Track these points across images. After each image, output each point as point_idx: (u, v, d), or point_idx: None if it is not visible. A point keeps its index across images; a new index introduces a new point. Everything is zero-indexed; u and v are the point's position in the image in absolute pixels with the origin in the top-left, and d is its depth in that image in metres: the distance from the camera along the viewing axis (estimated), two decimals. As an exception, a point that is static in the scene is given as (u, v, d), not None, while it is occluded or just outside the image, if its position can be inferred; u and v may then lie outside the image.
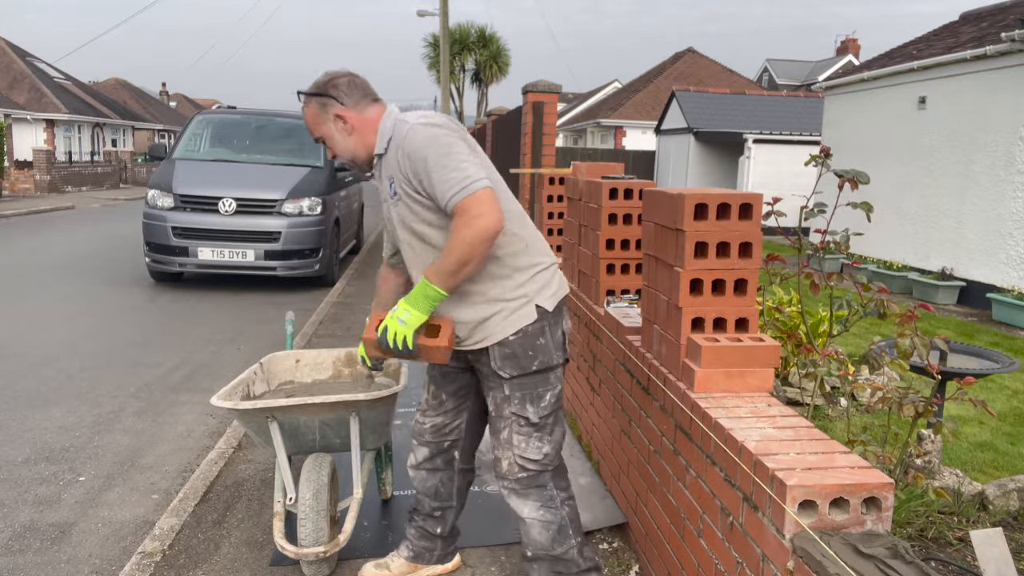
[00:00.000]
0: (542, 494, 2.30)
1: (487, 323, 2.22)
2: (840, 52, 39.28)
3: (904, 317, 2.66)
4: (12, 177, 22.70)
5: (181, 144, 9.10)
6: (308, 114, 2.27)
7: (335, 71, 2.31)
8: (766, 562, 1.78)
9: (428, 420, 2.50)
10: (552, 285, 2.29)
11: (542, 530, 2.30)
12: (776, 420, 2.08)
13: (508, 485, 2.30)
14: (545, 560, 2.35)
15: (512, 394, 2.24)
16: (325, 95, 2.24)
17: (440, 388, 2.48)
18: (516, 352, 2.22)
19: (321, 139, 2.30)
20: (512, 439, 2.26)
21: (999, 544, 1.29)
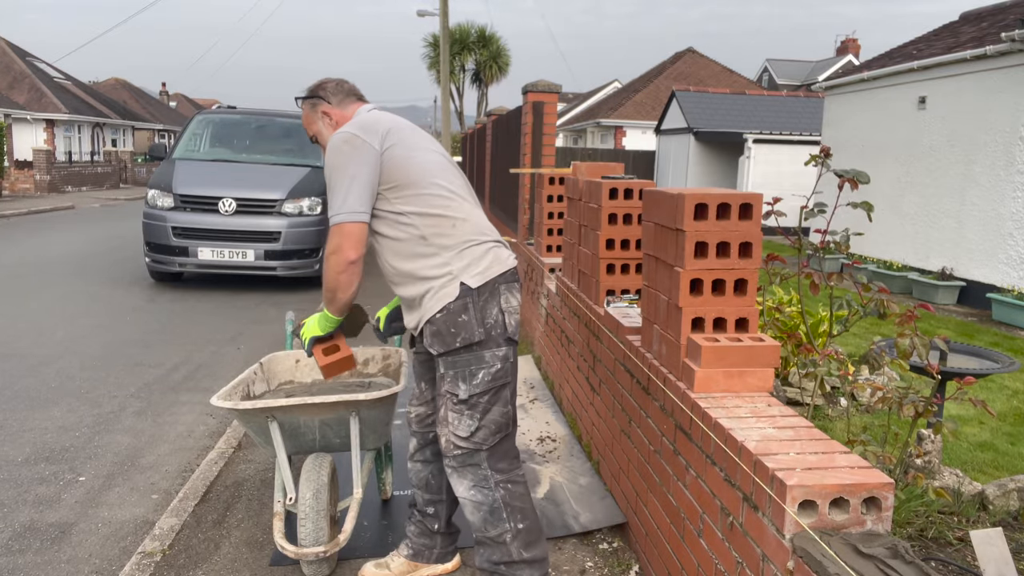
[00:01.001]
0: (476, 473, 2.32)
1: (421, 302, 2.33)
2: (840, 52, 39.28)
3: (904, 317, 2.65)
4: (12, 177, 22.71)
5: (181, 144, 9.10)
6: (304, 116, 2.50)
7: (321, 79, 2.55)
8: (766, 562, 1.78)
9: (414, 410, 2.62)
10: (482, 262, 2.32)
11: (474, 510, 2.34)
12: (776, 420, 2.08)
13: (448, 463, 2.36)
14: (484, 543, 2.36)
15: (446, 372, 2.30)
16: (315, 96, 2.48)
17: (420, 377, 2.59)
18: (440, 329, 2.28)
19: (314, 137, 2.49)
20: (448, 416, 2.31)
21: (999, 544, 1.29)
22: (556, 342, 4.61)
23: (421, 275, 2.32)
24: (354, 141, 2.26)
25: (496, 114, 10.16)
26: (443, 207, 2.33)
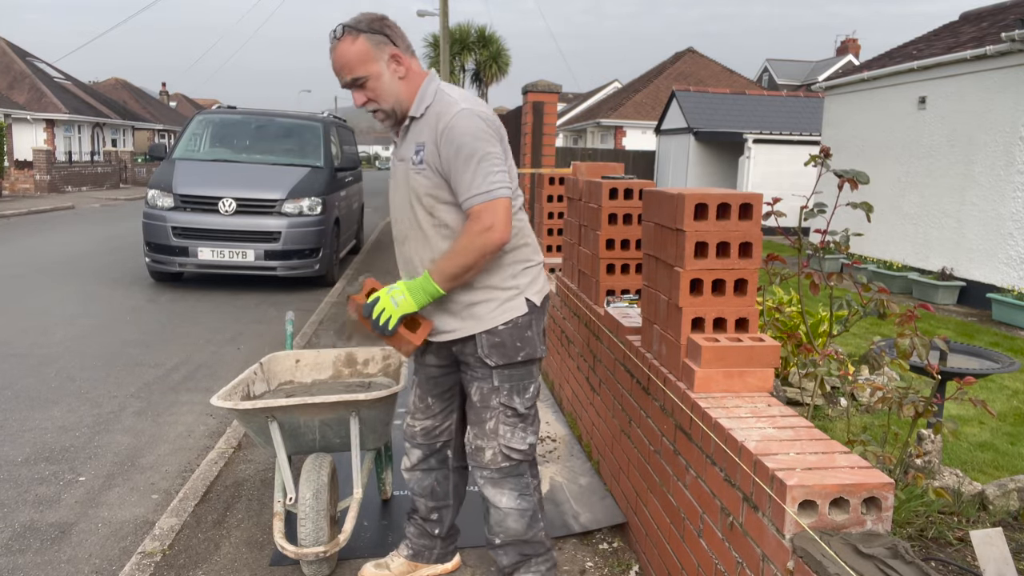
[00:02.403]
0: (519, 483, 2.34)
1: (476, 308, 2.23)
2: (840, 52, 39.28)
3: (904, 317, 2.65)
4: (12, 177, 22.71)
5: (181, 144, 9.10)
6: (354, 50, 2.10)
7: (375, 12, 2.19)
8: (766, 562, 1.78)
9: (418, 423, 2.50)
10: (539, 282, 2.35)
11: (518, 518, 2.35)
12: (776, 420, 2.08)
13: (488, 475, 2.32)
14: (518, 544, 2.39)
15: (501, 385, 2.27)
16: (381, 33, 2.15)
17: (427, 392, 2.47)
18: (505, 341, 2.24)
19: (360, 80, 2.13)
20: (498, 429, 2.28)
21: (999, 544, 1.29)
22: (556, 342, 4.61)
23: (487, 283, 2.22)
24: (493, 123, 2.17)
25: (496, 114, 10.14)
26: (521, 220, 2.31)
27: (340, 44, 2.11)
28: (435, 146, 2.13)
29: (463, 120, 2.11)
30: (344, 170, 9.95)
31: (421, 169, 2.17)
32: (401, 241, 2.32)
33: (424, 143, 2.16)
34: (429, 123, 2.16)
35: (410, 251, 2.28)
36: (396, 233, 2.35)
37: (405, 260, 2.32)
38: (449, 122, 2.11)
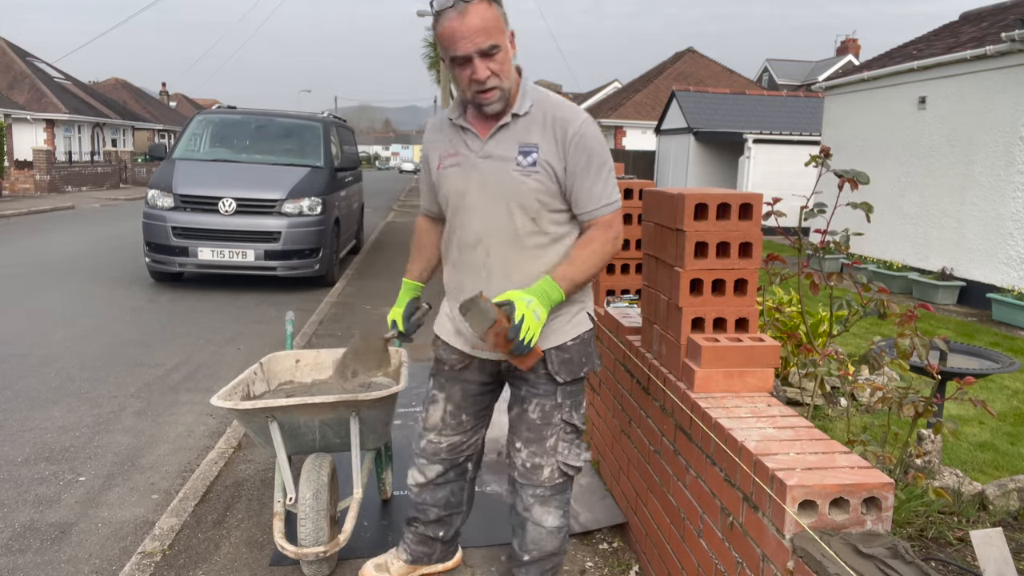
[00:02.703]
0: (562, 499, 2.29)
1: (551, 323, 2.12)
2: (840, 52, 39.28)
3: (904, 317, 2.66)
4: (12, 177, 22.70)
5: (181, 144, 9.10)
6: (491, 14, 1.90)
7: None
8: (766, 562, 1.78)
9: (445, 440, 2.35)
10: (591, 294, 2.31)
11: (556, 535, 2.30)
12: (776, 420, 2.08)
13: (540, 493, 2.23)
14: (544, 560, 2.35)
15: (564, 401, 2.20)
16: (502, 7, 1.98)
17: (461, 409, 2.32)
18: (573, 357, 2.17)
19: (495, 48, 1.92)
20: (557, 446, 2.20)
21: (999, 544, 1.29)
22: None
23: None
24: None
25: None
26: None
27: (476, 5, 1.89)
28: (558, 151, 2.01)
29: (592, 128, 2.05)
30: (344, 170, 9.95)
31: (532, 172, 2.01)
32: (472, 245, 2.11)
33: (537, 145, 2.02)
34: (541, 124, 2.03)
35: (487, 257, 2.09)
36: (464, 236, 2.12)
37: (475, 266, 2.12)
38: (579, 129, 2.02)
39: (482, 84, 1.93)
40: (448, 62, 1.97)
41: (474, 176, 2.07)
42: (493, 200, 2.05)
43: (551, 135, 2.02)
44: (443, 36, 1.92)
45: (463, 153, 2.09)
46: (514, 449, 2.25)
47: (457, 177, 2.10)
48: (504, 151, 2.04)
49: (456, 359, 2.26)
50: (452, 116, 2.13)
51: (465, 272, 2.15)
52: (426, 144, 2.24)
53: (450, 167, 2.11)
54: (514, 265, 2.08)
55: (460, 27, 1.88)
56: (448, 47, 1.92)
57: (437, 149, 2.17)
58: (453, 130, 2.13)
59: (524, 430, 2.22)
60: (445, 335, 2.28)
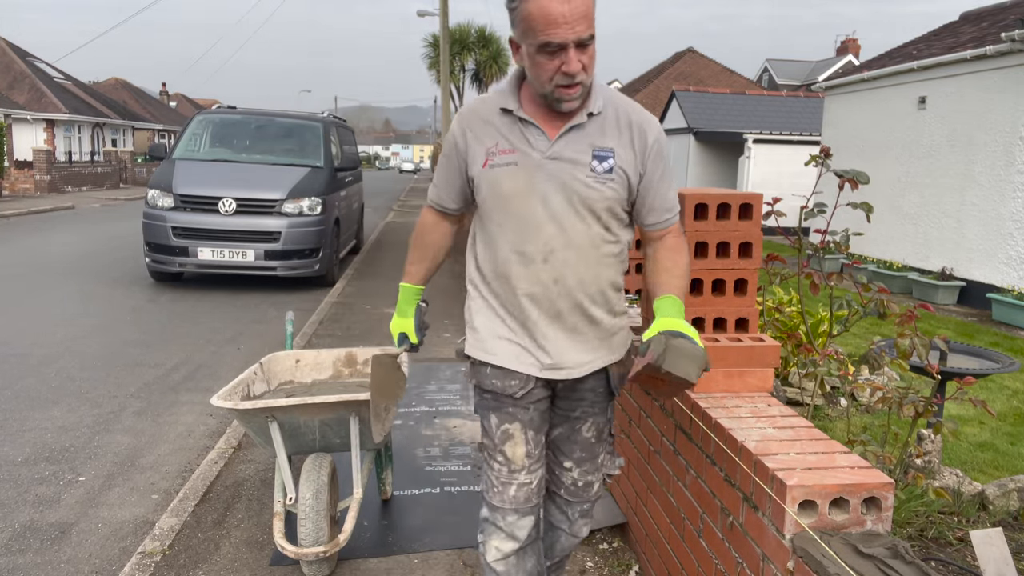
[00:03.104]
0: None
1: (613, 339, 1.97)
2: (840, 52, 39.28)
3: (904, 317, 2.66)
4: (12, 177, 22.71)
5: (181, 144, 9.10)
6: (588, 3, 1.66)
7: None
8: (766, 562, 1.78)
9: (534, 476, 1.95)
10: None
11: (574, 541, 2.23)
12: (776, 420, 2.08)
13: (587, 508, 2.13)
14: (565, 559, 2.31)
15: (611, 416, 2.07)
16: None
17: (540, 433, 1.97)
18: (626, 369, 2.02)
19: (592, 37, 1.69)
20: (603, 460, 2.09)
21: (999, 544, 1.29)
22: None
23: (620, 308, 1.98)
24: None
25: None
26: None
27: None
28: (636, 160, 1.83)
29: (662, 132, 1.90)
30: (344, 170, 9.95)
31: (608, 179, 1.80)
32: (544, 257, 1.83)
33: (613, 149, 1.81)
34: (615, 126, 1.83)
35: (564, 270, 1.84)
36: (527, 247, 1.83)
37: (543, 282, 1.84)
38: (658, 136, 1.86)
39: (571, 78, 1.68)
40: (530, 48, 1.68)
41: (539, 179, 1.80)
42: (565, 207, 1.81)
43: (628, 141, 1.83)
44: (533, 17, 1.63)
45: (523, 151, 1.80)
46: (562, 468, 2.06)
47: (515, 178, 1.81)
48: (575, 153, 1.80)
49: (517, 384, 1.90)
50: (510, 106, 1.82)
51: (528, 288, 1.85)
52: (462, 133, 1.88)
53: (504, 165, 1.82)
54: (591, 278, 1.86)
55: (562, 9, 1.61)
56: (539, 31, 1.64)
57: (483, 142, 1.85)
58: (510, 123, 1.82)
59: (578, 450, 2.04)
60: (504, 360, 1.90)
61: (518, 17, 1.67)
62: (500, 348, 1.92)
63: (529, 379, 1.91)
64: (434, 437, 4.04)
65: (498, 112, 1.84)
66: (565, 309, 1.86)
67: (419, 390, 4.82)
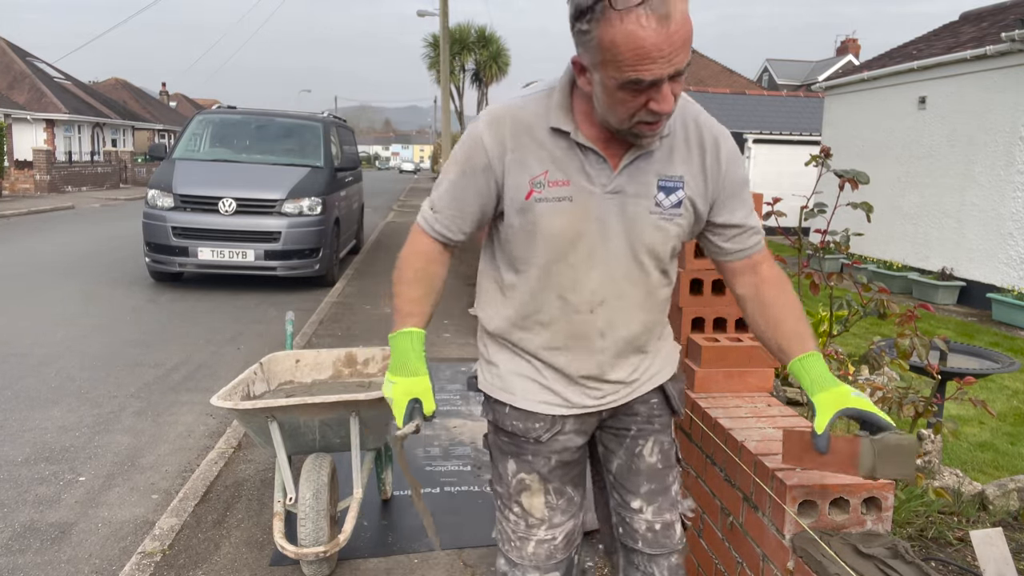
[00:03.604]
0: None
1: (672, 354, 1.74)
2: (840, 52, 39.27)
3: (904, 317, 2.66)
4: (12, 177, 22.71)
5: (181, 144, 9.10)
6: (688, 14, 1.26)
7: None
8: (766, 562, 1.78)
9: (559, 531, 1.67)
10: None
11: None
12: (776, 420, 2.08)
13: (676, 561, 1.72)
14: None
15: (675, 438, 1.75)
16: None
17: (565, 483, 1.69)
18: (683, 384, 1.77)
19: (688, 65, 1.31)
20: (677, 495, 1.73)
21: (999, 544, 1.29)
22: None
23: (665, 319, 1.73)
24: None
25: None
26: None
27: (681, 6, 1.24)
28: (706, 183, 1.52)
29: (732, 141, 1.57)
30: (344, 170, 9.95)
31: (675, 215, 1.50)
32: (591, 308, 1.54)
33: (683, 177, 1.50)
34: (684, 144, 1.51)
35: (614, 321, 1.57)
36: (580, 298, 1.54)
37: (585, 333, 1.56)
38: (732, 149, 1.55)
39: (660, 116, 1.34)
40: (608, 81, 1.30)
41: (595, 218, 1.48)
42: (623, 252, 1.51)
43: (699, 164, 1.51)
44: (618, 48, 1.24)
45: (580, 184, 1.46)
46: (631, 512, 1.71)
47: (568, 216, 1.47)
48: (640, 186, 1.48)
49: (542, 426, 1.63)
50: (564, 127, 1.46)
51: (566, 337, 1.57)
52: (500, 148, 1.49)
53: (555, 200, 1.47)
54: (640, 326, 1.60)
55: (657, 40, 1.22)
56: (625, 66, 1.25)
57: (528, 167, 1.47)
58: (565, 146, 1.47)
59: (644, 482, 1.69)
60: (525, 401, 1.63)
61: (593, 43, 1.27)
62: (521, 387, 1.63)
63: (556, 421, 1.63)
64: (434, 437, 4.04)
65: (547, 130, 1.47)
66: (607, 359, 1.60)
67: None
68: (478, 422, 4.26)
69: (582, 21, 1.28)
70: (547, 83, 1.52)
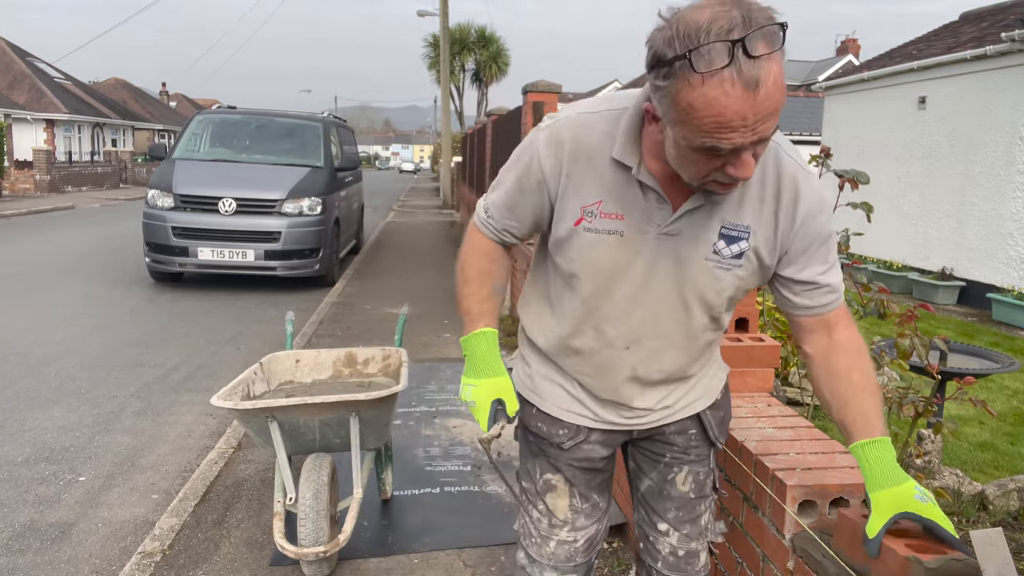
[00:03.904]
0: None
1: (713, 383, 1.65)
2: (840, 52, 39.28)
3: (904, 317, 2.66)
4: (12, 177, 22.72)
5: (181, 144, 9.10)
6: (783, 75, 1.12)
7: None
8: (766, 562, 1.78)
9: (582, 534, 1.68)
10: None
11: None
12: (776, 420, 2.08)
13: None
14: None
15: (714, 467, 1.69)
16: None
17: (591, 489, 1.68)
18: (725, 413, 1.68)
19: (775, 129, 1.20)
20: (707, 523, 1.70)
21: (999, 544, 1.29)
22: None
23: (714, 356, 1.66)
24: None
25: (496, 114, 10.16)
26: None
27: (773, 63, 1.09)
28: (776, 235, 1.39)
29: (818, 188, 1.40)
30: (344, 170, 9.95)
31: (735, 264, 1.40)
32: (627, 344, 1.49)
33: (749, 227, 1.38)
34: (759, 189, 1.38)
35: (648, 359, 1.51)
36: (616, 333, 1.48)
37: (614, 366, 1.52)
38: (814, 200, 1.38)
39: (735, 179, 1.22)
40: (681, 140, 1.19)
41: (644, 256, 1.40)
42: (670, 295, 1.44)
43: (771, 209, 1.38)
44: (696, 111, 1.12)
45: (635, 221, 1.38)
46: (657, 533, 1.68)
47: (616, 252, 1.41)
48: (699, 231, 1.38)
49: (565, 434, 1.62)
50: (627, 162, 1.35)
51: (595, 367, 1.54)
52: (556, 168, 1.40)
53: (605, 233, 1.40)
54: (674, 366, 1.53)
55: (741, 108, 1.09)
56: (702, 131, 1.14)
57: (581, 193, 1.40)
58: (624, 180, 1.37)
59: (673, 508, 1.66)
60: (553, 408, 1.62)
61: (669, 100, 1.16)
62: (550, 392, 1.62)
63: (580, 430, 1.61)
64: (434, 437, 4.04)
65: (608, 159, 1.37)
66: (634, 391, 1.55)
67: (419, 390, 4.82)
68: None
69: (659, 75, 1.16)
70: (622, 100, 1.40)
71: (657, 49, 1.13)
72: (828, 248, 1.42)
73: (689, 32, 1.08)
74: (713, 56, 1.07)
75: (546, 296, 1.58)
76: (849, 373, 1.44)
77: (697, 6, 1.11)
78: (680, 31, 1.10)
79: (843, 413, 1.43)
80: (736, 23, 1.06)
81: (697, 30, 1.08)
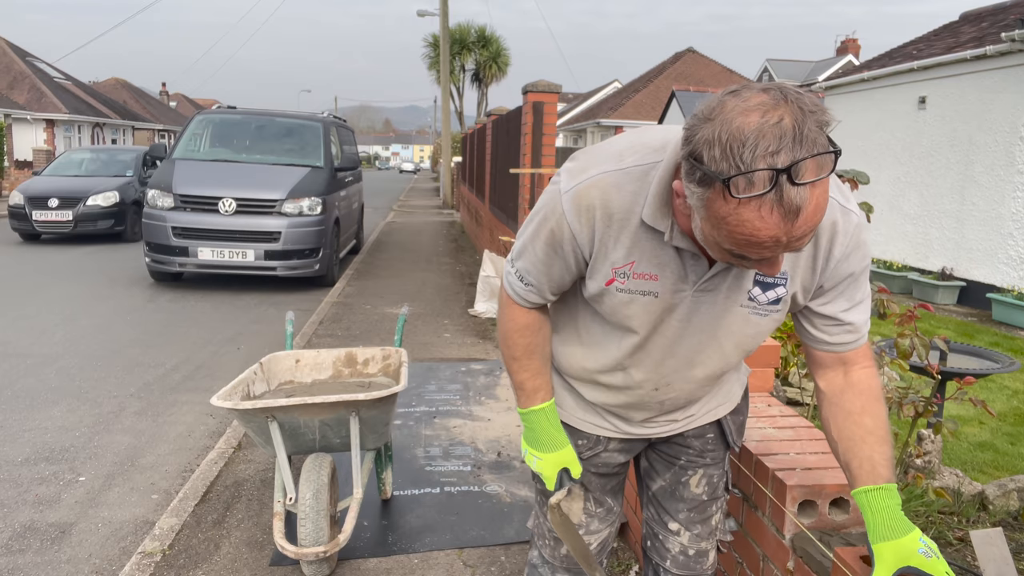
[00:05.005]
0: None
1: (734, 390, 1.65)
2: (840, 52, 39.29)
3: (904, 317, 2.65)
4: (12, 177, 22.71)
5: (181, 144, 9.10)
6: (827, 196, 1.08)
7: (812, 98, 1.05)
8: (766, 562, 1.78)
9: (595, 537, 1.73)
10: None
11: None
12: (776, 420, 2.08)
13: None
14: None
15: (728, 470, 1.70)
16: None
17: (605, 492, 1.71)
18: (744, 417, 1.69)
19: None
20: (718, 523, 1.71)
21: (999, 544, 1.29)
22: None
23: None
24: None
25: (496, 114, 10.17)
26: None
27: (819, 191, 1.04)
28: (813, 276, 1.35)
29: (864, 231, 1.35)
30: (344, 170, 9.95)
31: (773, 310, 1.38)
32: (656, 386, 1.50)
33: (787, 273, 1.35)
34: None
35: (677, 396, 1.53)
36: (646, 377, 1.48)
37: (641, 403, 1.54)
38: (849, 242, 1.32)
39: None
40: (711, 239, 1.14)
41: (679, 313, 1.38)
42: (701, 343, 1.43)
43: (808, 259, 1.34)
44: (729, 227, 1.07)
45: (669, 281, 1.34)
46: (667, 532, 1.70)
47: (648, 310, 1.38)
48: (734, 283, 1.35)
49: (584, 444, 1.63)
50: (660, 227, 1.29)
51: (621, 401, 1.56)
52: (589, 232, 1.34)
53: (638, 294, 1.36)
54: (703, 393, 1.56)
55: (777, 232, 1.04)
56: (734, 243, 1.09)
57: (610, 254, 1.35)
58: (657, 241, 1.32)
59: (684, 509, 1.67)
60: (573, 419, 1.63)
61: (701, 203, 1.09)
62: (571, 403, 1.62)
63: (600, 440, 1.62)
64: (434, 437, 4.04)
65: (639, 220, 1.30)
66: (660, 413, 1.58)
67: (419, 390, 4.82)
68: (478, 422, 4.27)
69: (692, 174, 1.08)
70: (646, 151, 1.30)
71: (695, 147, 1.05)
72: (857, 286, 1.38)
73: (732, 145, 1.00)
74: (754, 181, 0.99)
75: (574, 325, 1.54)
76: (861, 415, 1.39)
77: (744, 106, 1.01)
78: (723, 138, 1.01)
79: (849, 456, 1.39)
80: (785, 139, 0.98)
81: (742, 145, 0.99)
